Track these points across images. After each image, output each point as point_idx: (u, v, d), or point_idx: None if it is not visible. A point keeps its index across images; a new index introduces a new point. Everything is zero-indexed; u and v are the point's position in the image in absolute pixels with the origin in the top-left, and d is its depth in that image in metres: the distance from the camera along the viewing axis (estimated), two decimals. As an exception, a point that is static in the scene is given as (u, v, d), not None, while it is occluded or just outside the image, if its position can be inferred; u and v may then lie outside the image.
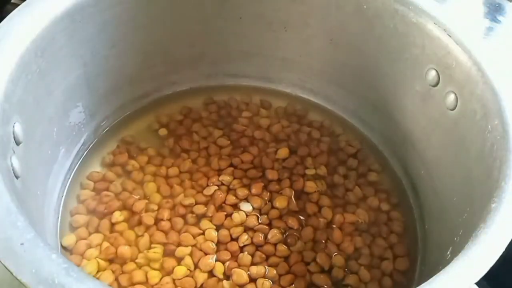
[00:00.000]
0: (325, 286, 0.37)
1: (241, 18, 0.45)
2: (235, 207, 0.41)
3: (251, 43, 0.47)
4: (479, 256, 0.25)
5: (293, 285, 0.37)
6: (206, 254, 0.38)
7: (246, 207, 0.41)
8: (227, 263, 0.38)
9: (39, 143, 0.35)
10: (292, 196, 0.42)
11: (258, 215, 0.40)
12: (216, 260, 0.38)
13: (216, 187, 0.41)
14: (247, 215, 0.40)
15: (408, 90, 0.41)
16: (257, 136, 0.46)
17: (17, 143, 0.30)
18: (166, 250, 0.38)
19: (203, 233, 0.39)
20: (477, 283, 0.24)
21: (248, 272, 0.37)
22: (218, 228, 0.39)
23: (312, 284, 0.37)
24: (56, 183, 0.39)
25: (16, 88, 0.30)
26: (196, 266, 0.37)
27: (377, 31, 0.40)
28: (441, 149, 0.38)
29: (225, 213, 0.40)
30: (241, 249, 0.38)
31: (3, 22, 0.31)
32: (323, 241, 0.39)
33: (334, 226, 0.40)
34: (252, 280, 0.37)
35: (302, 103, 0.50)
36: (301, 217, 0.41)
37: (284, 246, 0.39)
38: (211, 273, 0.37)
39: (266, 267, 0.38)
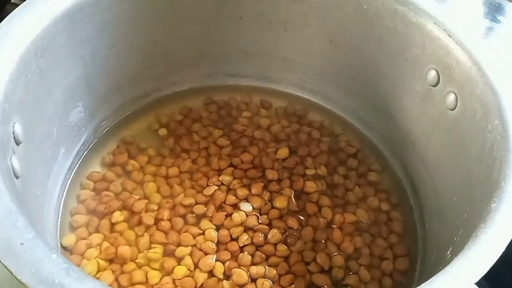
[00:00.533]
0: (325, 286, 0.37)
1: (241, 18, 0.45)
2: (235, 207, 0.41)
3: (251, 43, 0.47)
4: (479, 256, 0.25)
5: (293, 285, 0.37)
6: (206, 254, 0.38)
7: (246, 207, 0.41)
8: (227, 263, 0.38)
9: (39, 143, 0.35)
10: (292, 196, 0.42)
11: (258, 215, 0.40)
12: (216, 260, 0.38)
13: (216, 187, 0.41)
14: (247, 215, 0.40)
15: (408, 90, 0.41)
16: (257, 136, 0.46)
17: (17, 143, 0.30)
18: (166, 250, 0.38)
19: (203, 233, 0.39)
20: (477, 283, 0.24)
21: (248, 272, 0.37)
22: (218, 228, 0.39)
23: (312, 284, 0.37)
24: (56, 183, 0.39)
25: (16, 88, 0.30)
26: (196, 266, 0.37)
27: (377, 31, 0.40)
28: (441, 149, 0.38)
29: (225, 213, 0.40)
30: (241, 249, 0.38)
31: (3, 22, 0.31)
32: (323, 241, 0.39)
33: (334, 226, 0.41)
34: (252, 280, 0.37)
35: (302, 103, 0.49)
36: (301, 217, 0.41)
37: (284, 246, 0.39)
38: (211, 273, 0.37)
39: (266, 267, 0.38)
